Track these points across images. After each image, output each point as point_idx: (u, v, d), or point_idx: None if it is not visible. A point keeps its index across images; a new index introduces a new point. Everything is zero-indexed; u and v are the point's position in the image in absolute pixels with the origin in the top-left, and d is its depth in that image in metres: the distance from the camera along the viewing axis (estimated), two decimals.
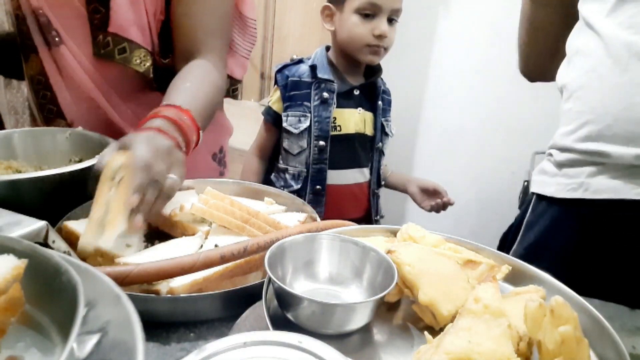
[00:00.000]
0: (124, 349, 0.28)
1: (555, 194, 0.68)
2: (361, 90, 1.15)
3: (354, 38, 1.08)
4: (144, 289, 0.46)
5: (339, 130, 1.12)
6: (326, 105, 1.10)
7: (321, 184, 1.12)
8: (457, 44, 1.69)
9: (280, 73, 1.15)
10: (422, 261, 0.45)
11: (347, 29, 1.08)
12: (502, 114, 1.65)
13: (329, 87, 1.10)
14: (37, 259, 0.31)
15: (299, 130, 1.10)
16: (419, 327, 0.44)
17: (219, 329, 0.46)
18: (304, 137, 1.11)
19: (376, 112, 1.17)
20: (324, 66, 1.12)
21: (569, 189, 0.67)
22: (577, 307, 0.43)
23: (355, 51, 1.10)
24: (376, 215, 1.24)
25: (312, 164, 1.12)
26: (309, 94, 1.11)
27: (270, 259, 0.43)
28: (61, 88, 0.75)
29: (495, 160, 1.69)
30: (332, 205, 1.14)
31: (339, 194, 1.16)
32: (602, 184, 0.63)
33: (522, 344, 0.38)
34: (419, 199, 1.28)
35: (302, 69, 1.13)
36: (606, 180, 0.63)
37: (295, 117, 1.11)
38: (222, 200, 0.59)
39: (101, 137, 0.72)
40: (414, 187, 1.29)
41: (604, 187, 0.63)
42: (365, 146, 1.17)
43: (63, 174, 0.58)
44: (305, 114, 1.10)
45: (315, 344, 0.29)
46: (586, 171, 0.65)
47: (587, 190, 0.65)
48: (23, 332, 0.31)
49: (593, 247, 0.65)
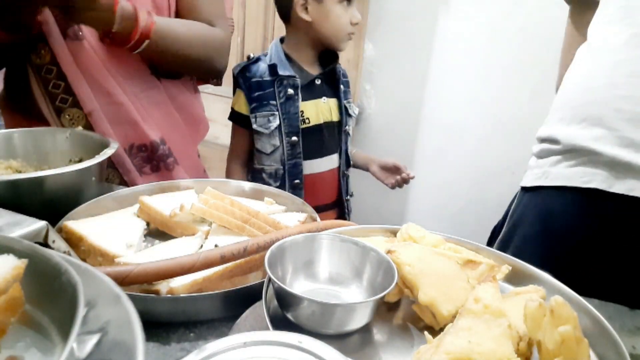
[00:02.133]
0: (124, 349, 0.28)
1: (526, 183, 0.75)
2: (322, 79, 1.16)
3: (340, 29, 1.10)
4: (144, 289, 0.46)
5: (307, 123, 1.14)
6: (292, 101, 1.11)
7: (299, 177, 1.14)
8: (457, 44, 1.69)
9: (241, 75, 1.14)
10: (422, 261, 0.45)
11: (332, 21, 1.09)
12: (502, 114, 1.65)
13: (292, 83, 1.10)
14: (37, 259, 0.31)
15: (269, 129, 1.11)
16: (419, 327, 0.44)
17: (219, 329, 0.46)
18: (276, 136, 1.12)
19: (339, 97, 1.19)
20: (283, 62, 1.12)
21: (535, 177, 0.73)
22: (577, 307, 0.43)
23: (338, 41, 1.12)
24: (346, 195, 1.27)
25: (287, 160, 1.13)
26: (273, 92, 1.11)
27: (270, 259, 0.43)
28: (79, 79, 0.76)
29: (495, 160, 1.69)
30: (308, 194, 1.16)
31: (314, 183, 1.18)
32: (560, 172, 0.68)
33: (522, 344, 0.38)
34: (382, 177, 1.31)
35: (261, 68, 1.13)
36: (563, 169, 0.68)
37: (264, 118, 1.11)
38: (222, 200, 0.59)
39: (101, 137, 0.73)
40: (375, 166, 1.31)
41: (560, 175, 0.68)
42: (334, 132, 1.20)
43: (63, 174, 0.58)
44: (273, 112, 1.10)
45: (315, 344, 0.29)
46: (550, 161, 0.71)
47: (547, 178, 0.70)
48: (23, 332, 0.31)
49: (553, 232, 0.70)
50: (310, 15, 1.10)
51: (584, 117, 0.67)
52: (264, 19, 1.70)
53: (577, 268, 0.64)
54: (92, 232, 0.55)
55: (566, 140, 0.69)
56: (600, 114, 0.65)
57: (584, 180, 0.65)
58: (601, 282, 0.59)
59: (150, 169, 0.87)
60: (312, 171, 1.17)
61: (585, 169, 0.66)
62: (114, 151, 0.66)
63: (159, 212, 0.60)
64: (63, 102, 0.77)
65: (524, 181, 0.76)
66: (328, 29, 1.10)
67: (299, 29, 1.13)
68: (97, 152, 0.65)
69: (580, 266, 0.65)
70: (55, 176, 0.57)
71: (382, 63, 1.77)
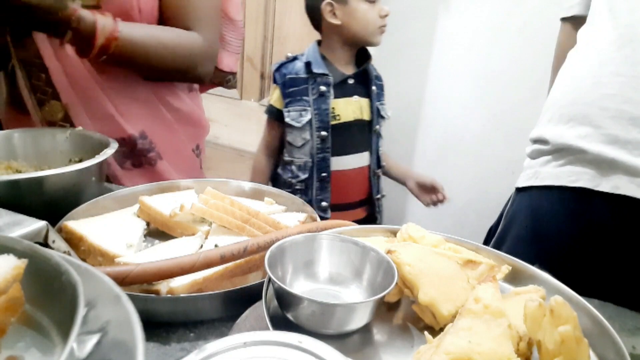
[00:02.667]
0: (124, 349, 0.28)
1: (518, 184, 0.77)
2: (355, 79, 1.22)
3: (369, 24, 1.16)
4: (144, 289, 0.46)
5: (338, 119, 1.19)
6: (324, 98, 1.17)
7: (326, 171, 1.19)
8: (457, 44, 1.69)
9: (278, 72, 1.21)
10: (422, 261, 0.45)
11: (360, 18, 1.15)
12: (502, 114, 1.65)
13: (325, 81, 1.16)
14: (37, 259, 0.30)
15: (301, 123, 1.16)
16: (419, 327, 0.44)
17: (219, 329, 0.46)
18: (307, 130, 1.17)
19: (371, 97, 1.23)
20: (318, 61, 1.18)
21: (526, 177, 0.74)
22: (577, 307, 0.43)
23: (369, 36, 1.17)
24: (377, 194, 1.31)
25: (316, 153, 1.18)
26: (307, 89, 1.17)
27: (270, 259, 0.43)
28: (58, 72, 0.77)
29: (495, 160, 1.69)
30: (336, 190, 1.21)
31: (343, 179, 1.23)
32: (549, 171, 0.70)
33: (522, 344, 0.38)
34: (418, 193, 1.36)
35: (297, 66, 1.19)
36: (552, 169, 0.69)
37: (296, 112, 1.17)
38: (222, 200, 0.59)
39: (101, 137, 0.73)
40: (412, 182, 1.36)
41: (548, 175, 0.70)
42: (364, 131, 1.24)
43: (63, 174, 0.58)
44: (305, 108, 1.16)
45: (315, 344, 0.29)
46: (540, 161, 0.72)
47: (537, 178, 0.71)
48: (23, 332, 0.31)
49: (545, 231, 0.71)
50: (339, 18, 1.17)
51: (571, 116, 0.68)
52: (264, 19, 1.70)
53: (570, 267, 0.64)
54: (92, 232, 0.55)
55: (554, 140, 0.70)
56: (586, 112, 0.66)
57: (571, 180, 0.66)
58: (595, 281, 0.59)
59: (132, 164, 0.87)
60: (340, 167, 1.22)
61: (572, 168, 0.67)
62: (114, 151, 0.67)
63: (159, 212, 0.60)
64: (43, 94, 0.78)
65: (518, 182, 0.78)
66: (357, 27, 1.16)
67: (332, 33, 1.20)
68: (97, 152, 0.65)
69: (572, 265, 0.65)
70: (55, 176, 0.57)
71: (381, 63, 1.77)
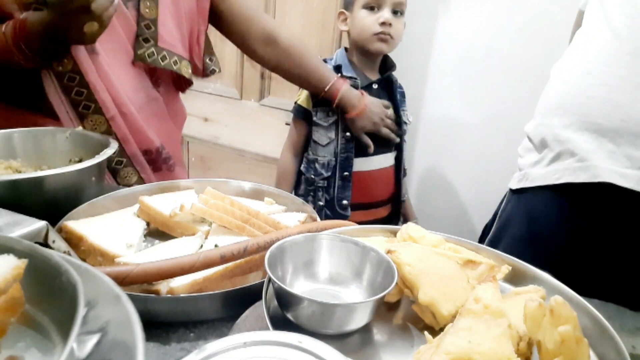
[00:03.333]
0: (124, 349, 0.28)
1: (511, 185, 0.78)
2: (379, 85, 1.26)
3: (364, 29, 1.19)
4: (144, 289, 0.46)
5: None
6: None
7: (348, 170, 1.23)
8: (457, 43, 1.69)
9: None
10: (422, 261, 0.45)
11: (357, 24, 1.21)
12: (502, 113, 1.65)
13: (353, 84, 1.19)
14: (37, 259, 0.30)
15: (328, 123, 1.21)
16: (419, 327, 0.44)
17: (219, 329, 0.46)
18: (332, 129, 1.22)
19: (395, 103, 1.27)
20: (346, 65, 1.24)
21: (517, 180, 0.76)
22: (577, 307, 0.43)
23: (366, 41, 1.21)
24: (401, 195, 1.36)
25: (339, 153, 1.22)
26: None
27: (270, 259, 0.43)
28: (100, 87, 0.80)
29: (495, 160, 1.69)
30: (359, 190, 1.25)
31: (366, 179, 1.27)
32: (537, 172, 0.71)
33: (522, 344, 0.38)
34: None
35: None
36: (539, 169, 0.71)
37: (323, 112, 1.21)
38: (222, 200, 0.59)
39: (101, 137, 0.73)
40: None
41: (537, 176, 0.71)
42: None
43: (63, 174, 0.58)
44: (332, 108, 1.19)
45: (315, 344, 0.29)
46: (529, 161, 0.74)
47: (527, 180, 0.73)
48: (23, 332, 0.31)
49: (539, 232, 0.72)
50: (347, 25, 1.25)
51: (557, 105, 0.70)
52: None
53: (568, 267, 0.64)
54: (92, 232, 0.55)
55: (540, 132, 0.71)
56: (572, 102, 0.68)
57: (555, 177, 0.68)
58: (594, 281, 0.60)
59: (154, 169, 0.92)
60: (364, 168, 1.26)
61: (555, 166, 0.68)
62: (113, 151, 0.67)
63: (159, 212, 0.60)
64: (86, 109, 0.80)
65: (511, 183, 0.79)
66: (356, 33, 1.22)
67: (349, 40, 1.28)
68: (97, 152, 0.65)
69: (570, 265, 0.65)
70: (55, 176, 0.57)
71: None
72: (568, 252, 0.68)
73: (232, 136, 1.87)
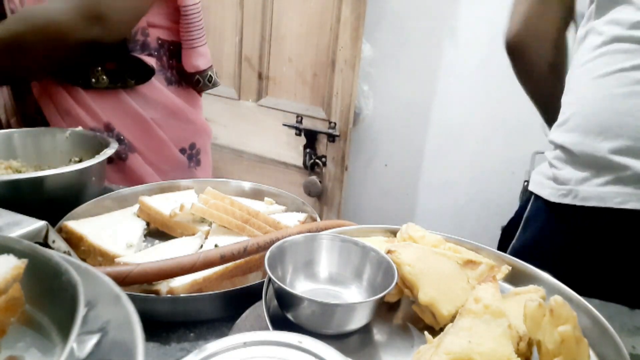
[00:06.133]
0: (124, 349, 0.28)
1: (549, 197, 0.70)
2: None
3: None
4: (144, 289, 0.46)
5: None
6: None
7: None
8: (457, 44, 1.69)
9: None
10: (422, 261, 0.45)
11: None
12: (502, 114, 1.65)
13: None
14: (37, 259, 0.30)
15: None
16: (419, 327, 0.44)
17: (219, 329, 0.46)
18: None
19: None
20: None
21: (559, 194, 0.69)
22: (577, 307, 0.43)
23: None
24: None
25: None
26: None
27: (270, 259, 0.43)
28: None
29: (495, 160, 1.69)
30: None
31: None
32: (589, 191, 0.65)
33: (522, 344, 0.38)
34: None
35: None
36: (593, 188, 0.65)
37: None
38: (222, 200, 0.59)
39: (101, 137, 0.73)
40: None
41: (591, 195, 0.65)
42: None
43: (63, 174, 0.58)
44: None
45: (315, 344, 0.29)
46: (574, 178, 0.67)
47: (576, 197, 0.66)
48: (23, 332, 0.31)
49: (583, 250, 0.67)
50: None
51: (603, 126, 0.64)
52: (262, 18, 1.69)
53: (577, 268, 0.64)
54: (92, 232, 0.55)
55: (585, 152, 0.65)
56: (619, 122, 0.62)
57: (618, 202, 0.62)
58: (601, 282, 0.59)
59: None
60: None
61: (617, 189, 0.62)
62: (113, 151, 0.67)
63: (159, 212, 0.60)
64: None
65: (543, 192, 0.72)
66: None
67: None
68: (97, 152, 0.65)
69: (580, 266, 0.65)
70: (55, 176, 0.57)
71: (380, 64, 1.76)
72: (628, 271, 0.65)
73: (231, 137, 1.87)
